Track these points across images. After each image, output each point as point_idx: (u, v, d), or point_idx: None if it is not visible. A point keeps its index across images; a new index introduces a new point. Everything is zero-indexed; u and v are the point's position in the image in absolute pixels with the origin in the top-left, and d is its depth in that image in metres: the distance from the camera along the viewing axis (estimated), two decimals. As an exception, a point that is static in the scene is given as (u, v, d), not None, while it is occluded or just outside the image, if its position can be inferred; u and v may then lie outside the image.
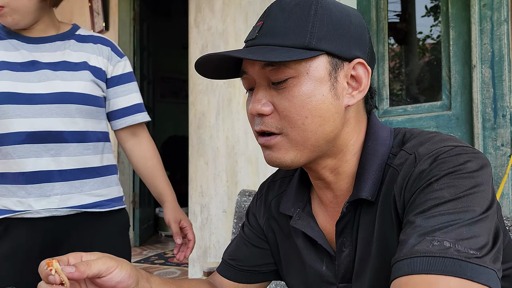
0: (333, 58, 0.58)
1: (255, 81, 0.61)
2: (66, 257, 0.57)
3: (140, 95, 1.30)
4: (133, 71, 1.30)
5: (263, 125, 0.60)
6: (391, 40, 2.06)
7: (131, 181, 3.74)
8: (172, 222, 1.27)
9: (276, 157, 0.60)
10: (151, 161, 1.29)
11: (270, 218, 0.77)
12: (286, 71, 0.57)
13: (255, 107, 0.59)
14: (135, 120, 1.26)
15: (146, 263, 3.18)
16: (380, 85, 1.82)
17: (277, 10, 0.59)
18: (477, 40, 1.49)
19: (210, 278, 0.82)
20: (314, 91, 0.57)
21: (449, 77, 1.60)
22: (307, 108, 0.57)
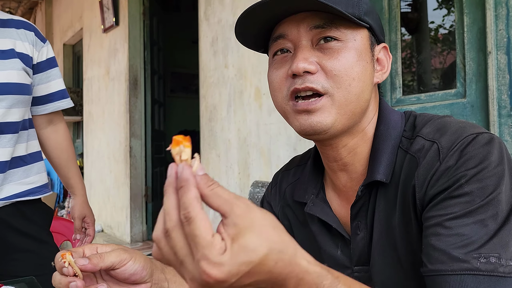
0: (372, 35, 0.62)
1: (293, 46, 0.61)
2: (82, 248, 0.57)
3: (62, 81, 1.29)
4: (144, 66, 1.31)
5: (308, 82, 0.58)
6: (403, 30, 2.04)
7: (143, 175, 3.77)
8: (77, 218, 1.29)
9: (317, 121, 0.59)
10: (67, 152, 1.29)
11: (285, 207, 0.78)
12: (336, 33, 0.58)
13: (302, 64, 0.57)
14: (58, 106, 1.25)
15: (159, 256, 3.22)
16: (393, 74, 1.81)
17: None
18: (492, 26, 1.46)
19: None
20: (360, 57, 0.59)
21: (463, 64, 1.58)
22: (355, 70, 0.58)
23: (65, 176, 1.31)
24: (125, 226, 3.72)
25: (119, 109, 3.81)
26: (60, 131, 1.30)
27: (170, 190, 0.38)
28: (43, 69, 1.23)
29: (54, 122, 1.29)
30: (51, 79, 1.25)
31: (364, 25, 0.60)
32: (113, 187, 3.94)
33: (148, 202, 3.80)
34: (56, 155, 1.29)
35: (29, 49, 1.18)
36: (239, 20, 0.60)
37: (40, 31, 1.26)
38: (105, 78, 4.08)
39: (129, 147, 3.67)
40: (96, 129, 4.28)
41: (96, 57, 4.29)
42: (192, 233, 0.36)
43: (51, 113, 1.28)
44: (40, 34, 1.24)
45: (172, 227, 0.37)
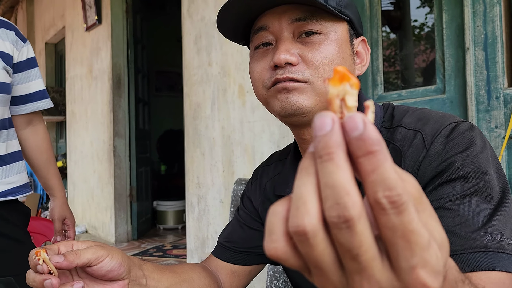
0: (351, 28, 0.63)
1: (274, 38, 0.61)
2: (57, 245, 0.56)
3: (42, 81, 1.28)
4: (128, 65, 1.30)
5: (289, 73, 0.59)
6: (386, 28, 2.06)
7: (128, 175, 3.74)
8: (57, 220, 1.28)
9: (297, 101, 0.59)
10: (46, 154, 1.28)
11: (265, 201, 0.78)
12: (316, 26, 0.59)
13: (283, 56, 0.58)
14: (38, 106, 1.24)
15: (144, 256, 3.19)
16: (374, 71, 1.82)
17: None
18: (470, 22, 1.48)
19: (205, 262, 0.81)
20: (341, 49, 0.61)
21: (442, 60, 1.60)
22: (336, 62, 0.59)
23: (44, 178, 1.29)
24: (110, 227, 3.68)
25: (102, 109, 3.77)
26: (39, 132, 1.28)
27: (339, 153, 0.23)
28: (23, 69, 1.22)
29: (34, 123, 1.28)
30: (31, 79, 1.23)
31: (344, 18, 0.61)
32: (97, 187, 3.89)
33: (132, 202, 3.76)
34: (35, 156, 1.27)
35: (9, 48, 1.17)
36: (220, 11, 0.61)
37: (20, 31, 1.24)
38: (88, 77, 4.03)
39: (113, 146, 3.62)
40: (79, 129, 4.23)
41: (78, 56, 4.23)
42: (406, 228, 0.22)
43: (30, 114, 1.26)
44: (21, 34, 1.23)
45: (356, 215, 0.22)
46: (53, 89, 4.90)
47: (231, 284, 0.79)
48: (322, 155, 0.23)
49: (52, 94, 4.81)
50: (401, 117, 0.62)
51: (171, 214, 4.24)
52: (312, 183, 0.24)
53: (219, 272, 0.79)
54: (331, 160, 0.23)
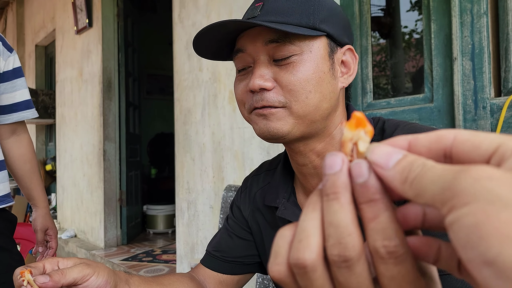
0: (331, 41, 0.61)
1: (252, 60, 0.61)
2: (42, 263, 0.56)
3: (28, 91, 1.29)
4: (118, 68, 1.31)
5: (264, 101, 0.60)
6: (376, 34, 2.07)
7: (118, 179, 3.71)
8: (39, 231, 1.28)
9: (274, 127, 0.60)
10: (30, 164, 1.28)
11: (255, 211, 0.78)
12: (290, 48, 0.58)
13: (258, 82, 0.59)
14: (23, 116, 1.25)
15: (134, 261, 3.16)
16: (364, 78, 1.83)
17: None
18: (458, 32, 1.50)
19: (193, 272, 0.81)
20: (317, 68, 0.59)
21: (431, 69, 1.62)
22: (311, 83, 0.59)
23: (27, 188, 1.29)
24: (99, 231, 3.65)
25: (92, 112, 3.74)
26: (23, 141, 1.28)
27: (345, 194, 0.24)
28: (9, 79, 1.22)
29: (18, 132, 1.27)
30: (16, 89, 1.23)
31: (320, 34, 0.59)
32: (86, 191, 3.86)
33: (122, 206, 3.74)
34: (18, 166, 1.26)
35: None
36: (196, 39, 0.61)
37: (7, 41, 1.24)
38: (78, 80, 4.00)
39: (102, 150, 3.60)
40: (69, 132, 4.19)
41: (69, 59, 4.20)
42: (403, 279, 0.23)
43: (14, 123, 1.25)
44: (7, 44, 1.23)
45: (356, 256, 0.23)
46: (43, 91, 4.86)
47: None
48: (329, 194, 0.24)
49: (42, 97, 4.76)
50: (392, 131, 0.62)
51: (161, 218, 4.21)
52: (317, 218, 0.24)
53: (207, 281, 0.79)
54: (336, 200, 0.24)
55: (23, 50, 5.83)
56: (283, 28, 0.55)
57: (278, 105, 0.59)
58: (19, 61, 1.26)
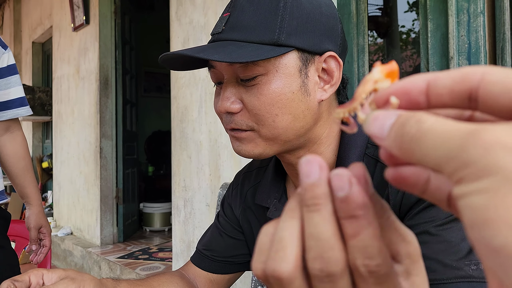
0: (303, 53, 0.56)
1: (223, 76, 0.59)
2: (27, 275, 0.55)
3: (22, 88, 1.28)
4: (115, 66, 1.30)
5: (233, 123, 0.58)
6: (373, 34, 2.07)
7: (114, 177, 3.70)
8: (33, 228, 1.27)
9: (245, 150, 0.59)
10: (24, 161, 1.28)
11: (246, 209, 0.77)
12: (254, 69, 0.55)
13: (224, 105, 0.57)
14: (17, 114, 1.24)
15: (130, 259, 3.16)
16: (360, 77, 1.84)
17: (245, 1, 0.57)
18: (454, 32, 1.50)
19: (183, 269, 0.80)
20: (284, 88, 0.55)
21: (427, 69, 1.62)
22: (277, 106, 0.55)
23: (20, 185, 1.28)
24: (95, 229, 3.64)
25: (89, 109, 3.73)
26: (17, 139, 1.27)
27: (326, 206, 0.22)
28: (3, 76, 1.22)
29: (11, 129, 1.27)
30: (10, 86, 1.23)
31: (285, 51, 0.55)
32: (83, 188, 3.85)
33: (119, 204, 3.73)
34: (12, 163, 1.26)
35: None
36: (162, 61, 0.59)
37: (1, 38, 1.24)
38: (75, 78, 3.98)
39: (99, 148, 3.59)
40: (66, 130, 4.18)
41: (66, 56, 4.18)
42: None
43: (8, 121, 1.25)
44: (1, 41, 1.23)
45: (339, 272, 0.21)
46: (39, 88, 4.84)
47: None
48: (309, 205, 0.22)
49: (38, 94, 4.74)
50: None
51: (157, 216, 4.21)
52: (295, 227, 0.23)
53: (197, 280, 0.78)
54: (317, 211, 0.22)
55: (20, 47, 5.81)
56: (233, 60, 0.51)
57: (246, 128, 0.58)
58: (13, 58, 1.25)
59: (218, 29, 0.58)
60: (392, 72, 0.24)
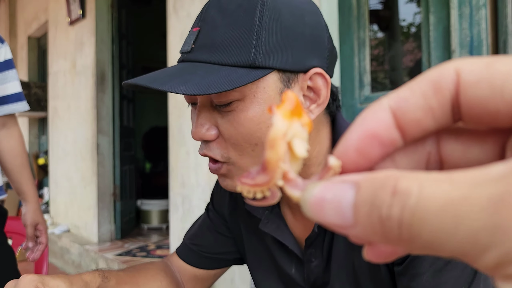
0: (284, 73, 0.50)
1: (196, 97, 0.53)
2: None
3: (19, 83, 1.26)
4: (112, 60, 1.28)
5: (207, 150, 0.53)
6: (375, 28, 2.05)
7: (111, 173, 3.67)
8: (29, 226, 1.26)
9: (229, 184, 0.54)
10: (20, 158, 1.26)
11: (235, 211, 0.73)
12: (229, 94, 0.49)
13: (198, 132, 0.52)
14: (13, 109, 1.23)
15: (127, 256, 3.14)
16: (362, 71, 1.81)
17: (216, 12, 0.50)
18: (456, 25, 1.48)
19: (167, 259, 0.77)
20: (263, 115, 0.49)
21: (429, 62, 1.59)
22: (256, 135, 0.50)
23: (17, 182, 1.26)
24: (92, 226, 3.61)
25: (85, 105, 3.69)
26: (13, 135, 1.25)
27: None
28: (0, 70, 1.19)
29: (8, 125, 1.25)
30: (7, 81, 1.21)
31: (265, 73, 0.48)
32: (79, 185, 3.82)
33: (116, 201, 3.70)
34: (8, 160, 1.24)
35: None
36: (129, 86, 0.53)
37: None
38: (71, 73, 3.94)
39: (96, 144, 3.56)
40: (62, 126, 4.14)
41: (62, 51, 4.14)
42: None
43: (4, 116, 1.23)
44: None
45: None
46: (35, 84, 4.79)
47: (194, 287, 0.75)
48: None
49: (34, 90, 4.70)
50: None
51: (155, 213, 4.18)
52: None
53: (181, 273, 0.75)
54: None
55: (15, 42, 5.75)
56: (202, 91, 0.45)
57: (220, 159, 0.52)
58: (10, 53, 1.23)
59: (186, 47, 0.51)
60: (295, 107, 0.18)
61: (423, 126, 0.16)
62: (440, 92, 0.15)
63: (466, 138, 0.16)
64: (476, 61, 0.14)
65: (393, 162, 0.17)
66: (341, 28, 1.84)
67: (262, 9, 0.49)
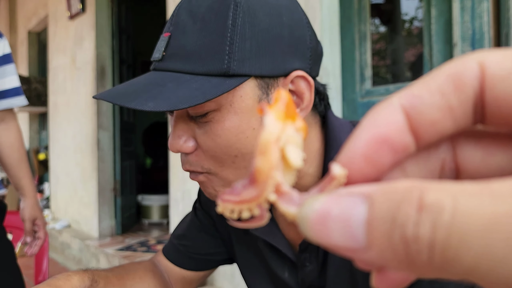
0: (262, 79, 0.47)
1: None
2: None
3: (18, 78, 1.26)
4: (112, 55, 1.27)
5: (188, 165, 0.50)
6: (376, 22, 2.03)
7: (112, 169, 3.67)
8: (27, 220, 1.26)
9: (210, 193, 0.52)
10: (18, 153, 1.26)
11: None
12: (204, 105, 0.46)
13: (175, 145, 0.49)
14: (12, 104, 1.22)
15: (128, 251, 3.14)
16: (363, 65, 1.80)
17: (187, 16, 0.47)
18: (458, 18, 1.46)
19: (155, 259, 0.75)
20: (241, 126, 0.47)
21: (430, 56, 1.58)
22: (235, 147, 0.47)
23: (15, 177, 1.26)
24: (93, 221, 3.62)
25: (86, 100, 3.68)
26: (12, 129, 1.25)
27: None
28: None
29: (6, 120, 1.25)
30: (5, 75, 1.21)
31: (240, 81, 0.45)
32: (80, 181, 3.82)
33: (117, 196, 3.70)
34: (6, 154, 1.24)
35: None
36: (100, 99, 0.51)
37: None
38: (71, 67, 3.93)
39: (96, 139, 3.55)
40: (62, 121, 4.13)
41: (61, 46, 4.12)
42: None
43: (3, 111, 1.23)
44: None
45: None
46: (35, 79, 4.78)
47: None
48: None
49: (34, 85, 4.69)
50: None
51: (156, 208, 4.18)
52: None
53: (169, 274, 0.73)
54: None
55: (15, 37, 5.73)
56: (171, 107, 0.42)
57: (202, 170, 0.50)
58: (9, 47, 1.23)
59: (157, 54, 0.48)
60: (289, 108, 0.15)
61: (440, 128, 0.14)
62: (462, 89, 0.13)
63: (487, 143, 0.14)
64: (503, 53, 0.12)
65: (402, 171, 0.15)
66: (342, 22, 1.83)
67: (235, 11, 0.45)
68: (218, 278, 2.30)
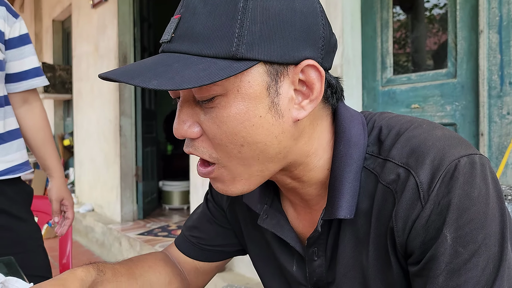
0: (272, 66, 0.46)
1: (179, 92, 0.49)
2: None
3: (37, 58, 1.25)
4: (134, 43, 1.27)
5: (192, 148, 0.49)
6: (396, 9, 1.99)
7: (134, 155, 3.74)
8: (54, 201, 1.26)
9: (224, 189, 0.51)
10: (43, 132, 1.26)
11: (235, 202, 0.69)
12: (211, 89, 0.45)
13: (180, 130, 0.48)
14: (32, 84, 1.22)
15: (149, 235, 3.22)
16: (384, 53, 1.77)
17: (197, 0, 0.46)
18: (485, 4, 1.42)
19: (167, 251, 0.75)
20: (248, 113, 0.45)
21: (455, 43, 1.54)
22: (241, 135, 0.46)
23: (41, 158, 1.28)
24: (115, 206, 3.71)
25: (108, 87, 3.75)
26: (35, 110, 1.26)
27: None
28: (16, 46, 1.19)
29: (29, 101, 1.26)
30: (24, 56, 1.21)
31: (249, 65, 0.44)
32: (103, 166, 3.91)
33: (138, 182, 3.78)
34: (31, 135, 1.26)
35: (0, 24, 1.14)
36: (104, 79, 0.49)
37: (12, 7, 1.21)
38: (94, 55, 4.00)
39: (119, 125, 3.62)
40: (86, 107, 4.22)
41: (84, 34, 4.19)
42: None
43: (25, 92, 1.24)
44: (12, 9, 1.20)
45: None
46: (60, 67, 4.88)
47: (196, 279, 0.74)
48: None
49: (59, 72, 4.79)
50: (391, 145, 0.49)
51: (176, 194, 4.25)
52: None
53: (182, 266, 0.73)
54: None
55: (40, 26, 5.85)
56: (175, 86, 0.42)
57: (209, 159, 0.49)
58: (25, 28, 1.22)
59: (167, 36, 0.47)
60: None
61: None
62: None
63: None
64: None
65: None
66: (363, 9, 1.80)
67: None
68: (237, 264, 2.34)
